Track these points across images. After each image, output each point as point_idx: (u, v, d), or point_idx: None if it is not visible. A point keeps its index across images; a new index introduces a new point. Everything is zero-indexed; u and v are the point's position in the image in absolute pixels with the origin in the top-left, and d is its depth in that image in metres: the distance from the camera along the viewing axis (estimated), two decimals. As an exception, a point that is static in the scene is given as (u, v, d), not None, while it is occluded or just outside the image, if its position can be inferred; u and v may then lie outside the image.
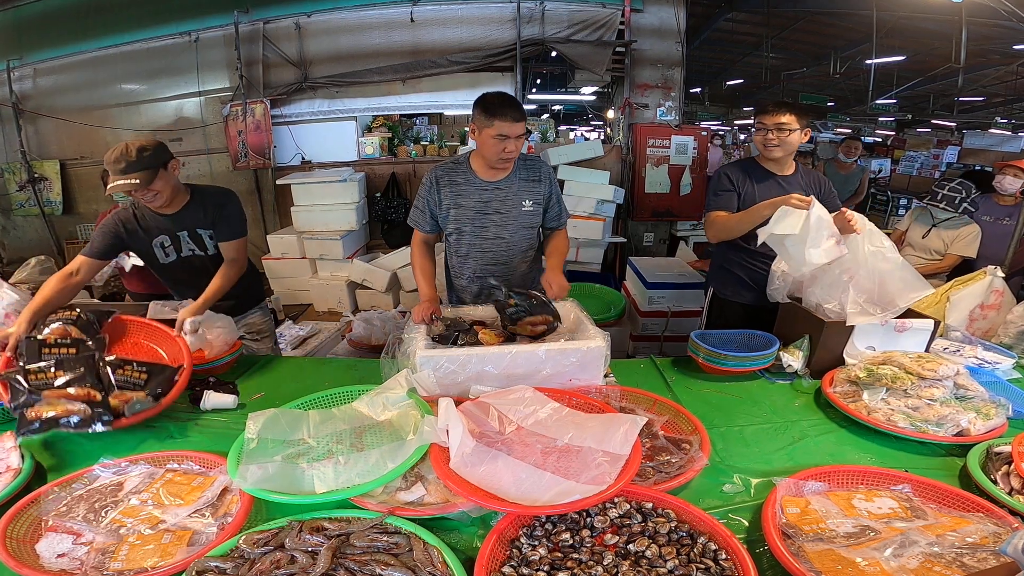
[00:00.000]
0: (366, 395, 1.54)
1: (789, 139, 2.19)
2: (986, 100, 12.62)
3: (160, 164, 1.92)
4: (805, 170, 2.38)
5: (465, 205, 2.08)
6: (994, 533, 1.05)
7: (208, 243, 2.16)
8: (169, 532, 1.10)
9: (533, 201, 2.12)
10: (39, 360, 1.53)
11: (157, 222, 2.08)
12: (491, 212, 2.09)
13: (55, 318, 1.75)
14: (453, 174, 2.09)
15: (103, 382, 1.51)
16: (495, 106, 1.90)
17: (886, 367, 1.67)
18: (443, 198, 2.09)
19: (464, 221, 2.11)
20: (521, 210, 2.11)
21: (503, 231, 2.12)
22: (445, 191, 2.08)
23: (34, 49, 5.41)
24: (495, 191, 2.08)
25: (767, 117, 2.19)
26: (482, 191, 2.08)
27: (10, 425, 1.54)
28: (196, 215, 2.10)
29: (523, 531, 1.11)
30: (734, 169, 2.36)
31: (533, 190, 2.12)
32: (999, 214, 3.31)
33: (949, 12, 6.34)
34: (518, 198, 2.10)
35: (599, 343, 1.61)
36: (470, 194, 2.08)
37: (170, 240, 2.11)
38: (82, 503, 1.19)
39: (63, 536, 1.09)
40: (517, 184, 2.10)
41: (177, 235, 2.11)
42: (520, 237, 2.15)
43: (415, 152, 5.61)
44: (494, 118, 1.89)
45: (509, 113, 1.90)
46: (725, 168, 2.40)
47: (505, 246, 2.14)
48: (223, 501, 1.21)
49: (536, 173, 2.13)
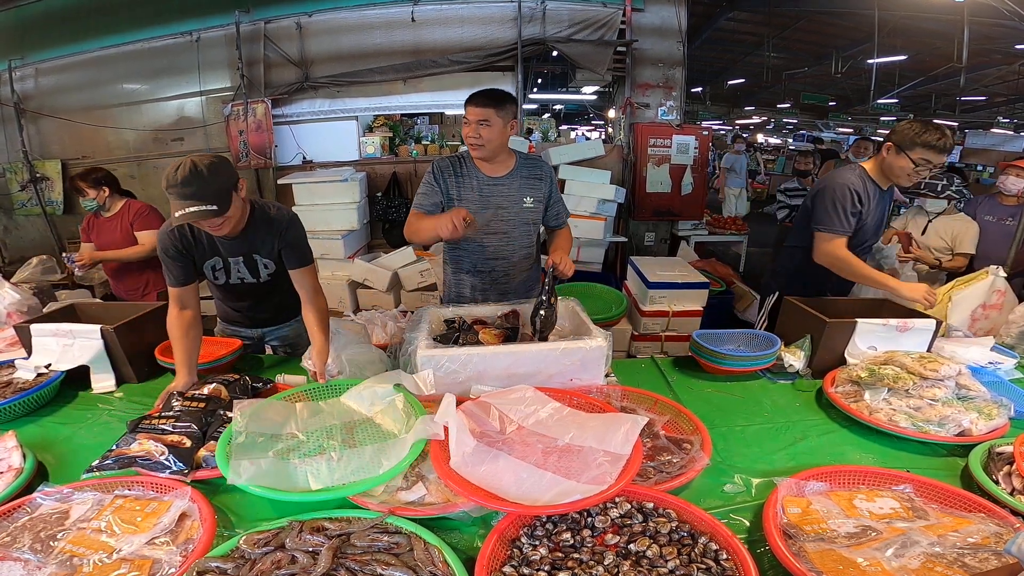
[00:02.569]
0: (353, 389, 1.53)
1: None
2: (988, 100, 12.60)
3: (233, 186, 1.64)
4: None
5: (467, 198, 2.10)
6: (996, 533, 1.05)
7: (262, 271, 1.95)
8: (127, 562, 1.02)
9: (534, 198, 2.15)
10: (169, 410, 1.49)
11: (212, 242, 1.83)
12: (492, 207, 2.11)
13: (217, 379, 1.66)
14: (457, 166, 2.12)
15: (205, 435, 1.42)
16: (470, 95, 2.02)
17: (888, 367, 1.67)
18: (448, 187, 2.11)
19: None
20: (522, 206, 2.14)
21: (504, 226, 2.14)
22: (450, 180, 2.10)
23: (36, 49, 5.41)
24: (496, 186, 2.11)
25: (936, 156, 2.01)
26: (484, 185, 2.10)
27: (10, 425, 1.55)
28: (255, 240, 1.86)
29: (524, 531, 1.11)
30: (860, 184, 2.18)
31: (534, 188, 2.15)
32: (1002, 214, 3.30)
33: (951, 12, 6.32)
34: (519, 194, 2.13)
35: (600, 343, 1.61)
36: (472, 187, 2.10)
37: (222, 263, 1.90)
38: (26, 532, 1.10)
39: (12, 564, 1.01)
40: (519, 181, 2.13)
41: (230, 260, 1.89)
42: (520, 233, 2.18)
43: (416, 152, 5.61)
44: (466, 104, 2.02)
45: (472, 99, 2.00)
46: (854, 185, 2.18)
47: (506, 241, 2.16)
48: (182, 527, 1.13)
49: (537, 172, 2.17)
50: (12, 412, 1.64)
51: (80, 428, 1.63)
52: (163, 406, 1.55)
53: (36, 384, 1.73)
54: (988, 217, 3.34)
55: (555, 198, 2.23)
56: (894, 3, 6.52)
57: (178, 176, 1.52)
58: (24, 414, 1.68)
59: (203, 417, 1.46)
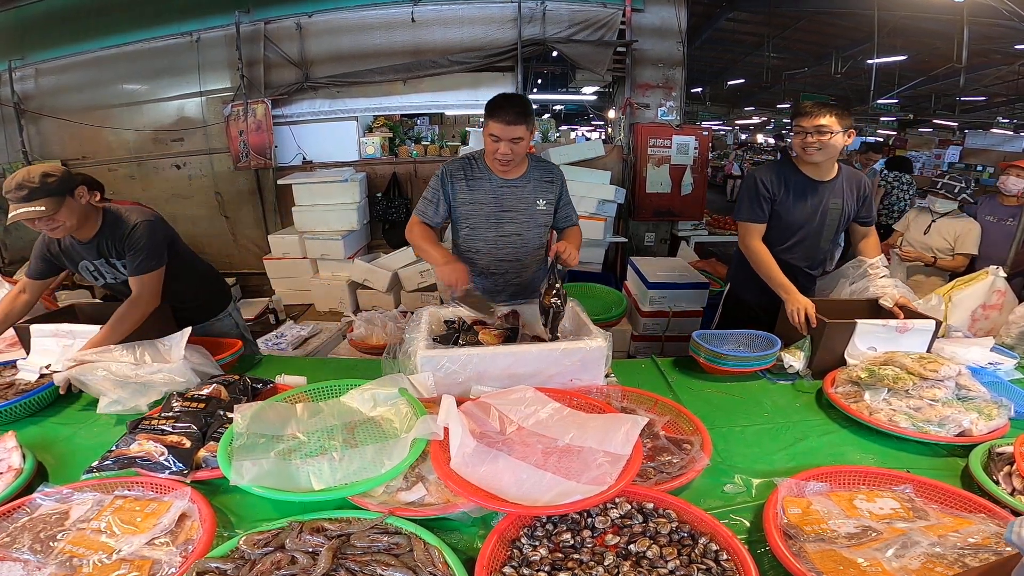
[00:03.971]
0: (355, 390, 1.53)
1: (831, 142, 2.05)
2: (988, 100, 12.57)
3: (66, 191, 1.79)
4: (849, 173, 2.25)
5: (481, 200, 2.10)
6: (996, 534, 1.05)
7: (124, 272, 2.03)
8: (127, 562, 1.02)
9: (546, 201, 2.17)
10: (170, 411, 1.49)
11: (75, 247, 1.99)
12: (507, 209, 2.12)
13: (217, 380, 1.67)
14: (468, 169, 2.11)
15: (205, 435, 1.42)
16: (493, 106, 1.92)
17: (888, 368, 1.67)
18: (458, 191, 2.11)
19: (480, 216, 2.14)
20: (536, 209, 2.15)
21: (519, 228, 2.16)
22: (460, 184, 2.10)
23: (36, 49, 5.41)
24: (510, 188, 2.12)
25: (805, 120, 2.06)
26: (497, 188, 2.11)
27: (10, 426, 1.55)
28: (106, 243, 1.97)
29: (524, 531, 1.11)
30: (769, 173, 2.23)
31: (546, 191, 2.17)
32: (1002, 214, 3.31)
33: (951, 12, 6.32)
34: (533, 197, 2.14)
35: (600, 343, 1.61)
36: (486, 190, 2.10)
37: (92, 266, 2.03)
38: (26, 533, 1.10)
39: (12, 564, 1.02)
40: (532, 184, 2.14)
41: (95, 263, 2.02)
42: (534, 235, 2.20)
43: (416, 152, 5.61)
44: (490, 117, 1.93)
45: (501, 114, 1.90)
46: (760, 172, 2.25)
47: (520, 243, 2.18)
48: (182, 527, 1.14)
49: (549, 175, 2.19)
50: (13, 414, 1.64)
51: (80, 428, 1.63)
52: (163, 407, 1.55)
53: (39, 385, 1.73)
54: (988, 217, 3.35)
55: (564, 200, 2.25)
56: (894, 3, 6.52)
57: (12, 182, 1.72)
58: (26, 416, 1.68)
59: (203, 418, 1.46)
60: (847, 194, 2.23)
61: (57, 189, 1.76)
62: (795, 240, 2.27)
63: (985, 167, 12.56)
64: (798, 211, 2.22)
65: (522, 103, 1.95)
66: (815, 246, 2.31)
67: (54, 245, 1.99)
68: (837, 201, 2.22)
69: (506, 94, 1.97)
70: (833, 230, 2.28)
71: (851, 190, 2.23)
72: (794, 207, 2.21)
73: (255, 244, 5.79)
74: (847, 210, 2.25)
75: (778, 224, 2.25)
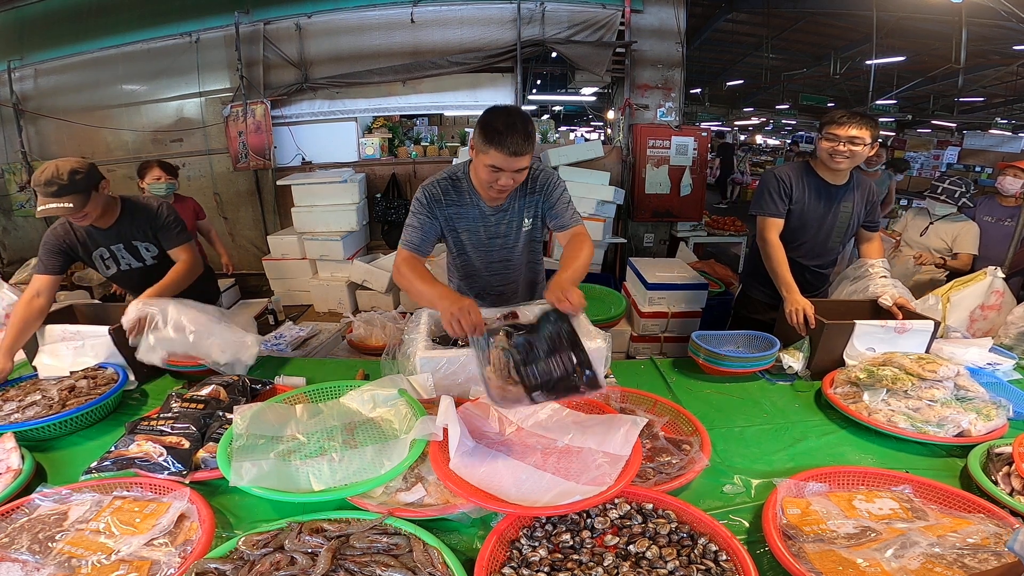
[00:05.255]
0: (354, 391, 1.53)
1: (859, 152, 2.07)
2: (986, 100, 12.59)
3: (92, 186, 1.90)
4: (859, 179, 2.29)
5: (469, 229, 1.95)
6: (995, 534, 1.05)
7: (145, 254, 2.17)
8: (126, 563, 1.02)
9: (531, 216, 1.97)
10: (169, 411, 1.48)
11: (93, 235, 2.07)
12: (497, 236, 1.98)
13: (216, 381, 1.66)
14: (455, 193, 1.88)
15: (204, 436, 1.41)
16: (495, 133, 1.59)
17: (886, 368, 1.67)
18: (446, 217, 1.91)
19: (470, 245, 2.00)
20: (523, 231, 1.99)
21: (509, 253, 2.03)
22: (450, 210, 1.90)
23: (35, 49, 5.41)
24: (498, 215, 1.94)
25: (840, 129, 2.05)
26: (485, 215, 1.92)
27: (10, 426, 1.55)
28: (130, 227, 2.10)
29: (523, 532, 1.11)
30: (789, 173, 2.26)
31: (530, 204, 1.94)
32: (1001, 215, 3.31)
33: (949, 13, 6.34)
34: (519, 217, 1.96)
35: (599, 344, 1.60)
36: (473, 218, 1.91)
37: (108, 253, 2.12)
38: (25, 533, 1.10)
39: (10, 565, 1.02)
40: (517, 203, 1.94)
41: (112, 248, 2.11)
42: (523, 251, 2.07)
43: (415, 153, 5.61)
44: (490, 145, 1.60)
45: (506, 143, 1.58)
46: (778, 170, 2.28)
47: (511, 267, 2.08)
48: (181, 528, 1.13)
49: (532, 186, 1.91)
50: (82, 421, 1.59)
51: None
52: (162, 407, 1.54)
53: (103, 392, 1.68)
54: (987, 218, 3.35)
55: (558, 201, 1.92)
56: (892, 4, 6.54)
57: (42, 177, 1.81)
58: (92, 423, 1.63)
59: (202, 418, 1.45)
60: (858, 199, 2.28)
61: (84, 185, 1.86)
62: (804, 240, 2.33)
63: (983, 168, 12.59)
64: (811, 213, 2.27)
65: (526, 125, 1.62)
66: (823, 247, 2.37)
67: (71, 236, 2.04)
68: (848, 205, 2.28)
69: (507, 114, 1.62)
70: (843, 232, 2.33)
71: (861, 195, 2.28)
72: (808, 208, 2.26)
73: (254, 245, 5.79)
74: (857, 214, 2.30)
75: (789, 224, 2.29)
